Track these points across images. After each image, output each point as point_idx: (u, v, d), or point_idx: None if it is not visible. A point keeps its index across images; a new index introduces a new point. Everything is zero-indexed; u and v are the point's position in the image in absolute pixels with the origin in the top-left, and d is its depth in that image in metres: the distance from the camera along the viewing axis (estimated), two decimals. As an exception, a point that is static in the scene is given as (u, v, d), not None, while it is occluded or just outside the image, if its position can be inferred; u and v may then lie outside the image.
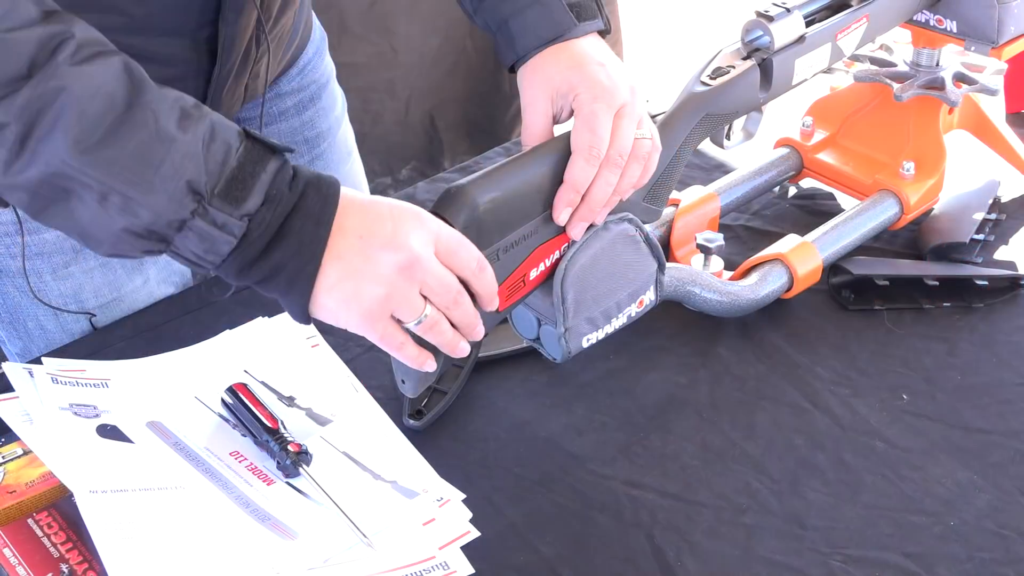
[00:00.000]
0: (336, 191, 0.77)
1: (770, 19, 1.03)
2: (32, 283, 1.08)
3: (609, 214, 0.90)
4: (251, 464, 0.92)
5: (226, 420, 0.96)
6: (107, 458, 0.89)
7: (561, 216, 0.87)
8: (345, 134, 1.34)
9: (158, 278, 1.18)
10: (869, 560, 0.87)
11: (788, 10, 1.04)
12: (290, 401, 0.99)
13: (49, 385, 0.94)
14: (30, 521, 0.86)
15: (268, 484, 0.91)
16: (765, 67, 1.04)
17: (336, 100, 1.31)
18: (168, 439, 0.93)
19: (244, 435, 0.94)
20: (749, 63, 1.03)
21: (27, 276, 1.08)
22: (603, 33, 0.94)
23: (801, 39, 1.05)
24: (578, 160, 0.86)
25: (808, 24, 1.07)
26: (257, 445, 0.92)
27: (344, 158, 1.33)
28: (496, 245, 0.84)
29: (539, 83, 0.91)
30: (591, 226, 0.90)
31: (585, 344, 0.93)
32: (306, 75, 1.24)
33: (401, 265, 0.77)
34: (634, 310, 0.94)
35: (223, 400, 0.96)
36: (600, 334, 0.93)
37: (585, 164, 0.86)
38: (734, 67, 1.02)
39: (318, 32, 1.27)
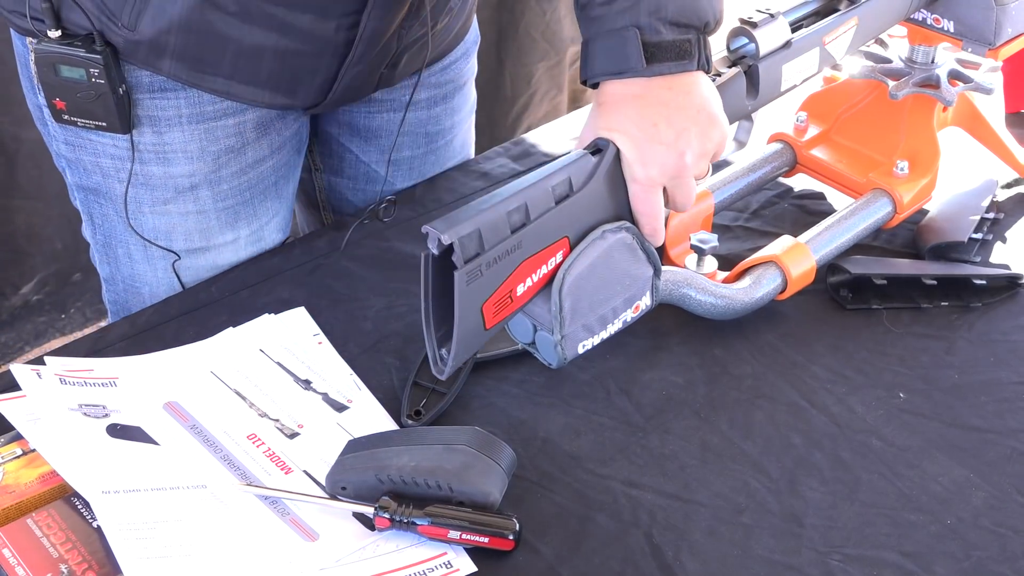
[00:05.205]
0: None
1: (754, 25, 1.03)
2: (130, 211, 1.14)
3: (607, 224, 0.90)
4: (268, 450, 0.93)
5: None
6: (118, 458, 0.90)
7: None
8: (467, 135, 1.37)
9: (249, 239, 1.20)
10: (867, 559, 0.87)
11: (772, 15, 1.04)
12: (307, 385, 1.00)
13: (57, 386, 0.95)
14: (30, 521, 0.86)
15: (286, 473, 0.91)
16: (751, 74, 1.03)
17: (467, 101, 1.34)
18: (185, 422, 0.94)
19: None
20: (735, 70, 1.03)
21: (127, 204, 1.13)
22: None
23: (787, 44, 1.05)
24: (641, 219, 0.92)
25: (795, 29, 1.07)
26: None
27: (456, 156, 1.36)
28: (479, 259, 0.81)
29: (596, 120, 0.92)
30: (590, 233, 0.89)
31: (581, 350, 0.92)
32: (446, 74, 1.26)
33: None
34: (630, 315, 0.94)
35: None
36: (596, 340, 0.93)
37: (648, 215, 0.92)
38: (720, 75, 1.02)
39: (472, 35, 1.29)
